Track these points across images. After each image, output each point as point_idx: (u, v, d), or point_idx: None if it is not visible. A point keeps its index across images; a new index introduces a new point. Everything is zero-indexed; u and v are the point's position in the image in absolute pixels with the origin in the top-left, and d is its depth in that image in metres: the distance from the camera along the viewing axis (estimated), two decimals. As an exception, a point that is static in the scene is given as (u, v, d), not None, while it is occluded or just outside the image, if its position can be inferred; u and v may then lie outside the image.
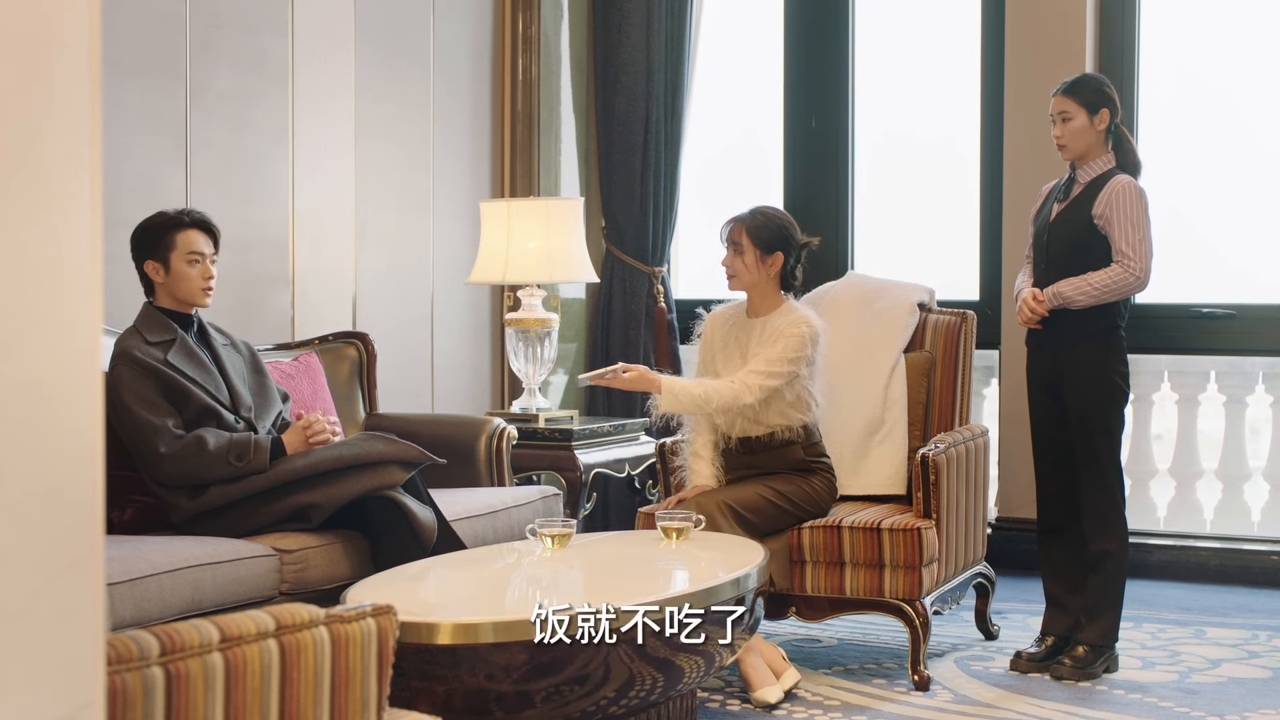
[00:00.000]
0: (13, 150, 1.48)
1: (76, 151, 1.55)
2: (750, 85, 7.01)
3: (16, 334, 1.49)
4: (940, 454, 4.50)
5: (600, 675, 3.29)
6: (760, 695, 4.19)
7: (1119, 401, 4.53)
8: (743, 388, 4.41)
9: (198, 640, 1.88)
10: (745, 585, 3.69)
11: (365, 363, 5.23)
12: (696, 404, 4.42)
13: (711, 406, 4.42)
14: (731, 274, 4.58)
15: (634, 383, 4.44)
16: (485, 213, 5.64)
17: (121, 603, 3.41)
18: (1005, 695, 4.32)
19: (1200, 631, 5.08)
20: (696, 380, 4.51)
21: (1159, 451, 6.21)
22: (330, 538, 4.06)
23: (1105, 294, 4.42)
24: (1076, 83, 4.54)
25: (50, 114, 1.53)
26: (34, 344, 1.51)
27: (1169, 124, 6.18)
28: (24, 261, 1.50)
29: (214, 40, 5.09)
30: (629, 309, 6.53)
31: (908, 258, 6.59)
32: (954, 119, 6.52)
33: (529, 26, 6.40)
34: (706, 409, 4.43)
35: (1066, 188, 4.57)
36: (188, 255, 4.15)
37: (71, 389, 1.56)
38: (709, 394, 4.41)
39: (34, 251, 1.50)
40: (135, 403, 4.01)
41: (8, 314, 1.47)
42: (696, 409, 4.45)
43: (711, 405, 4.41)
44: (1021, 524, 5.93)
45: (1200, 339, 5.97)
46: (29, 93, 1.50)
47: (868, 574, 4.46)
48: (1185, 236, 6.15)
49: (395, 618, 2.18)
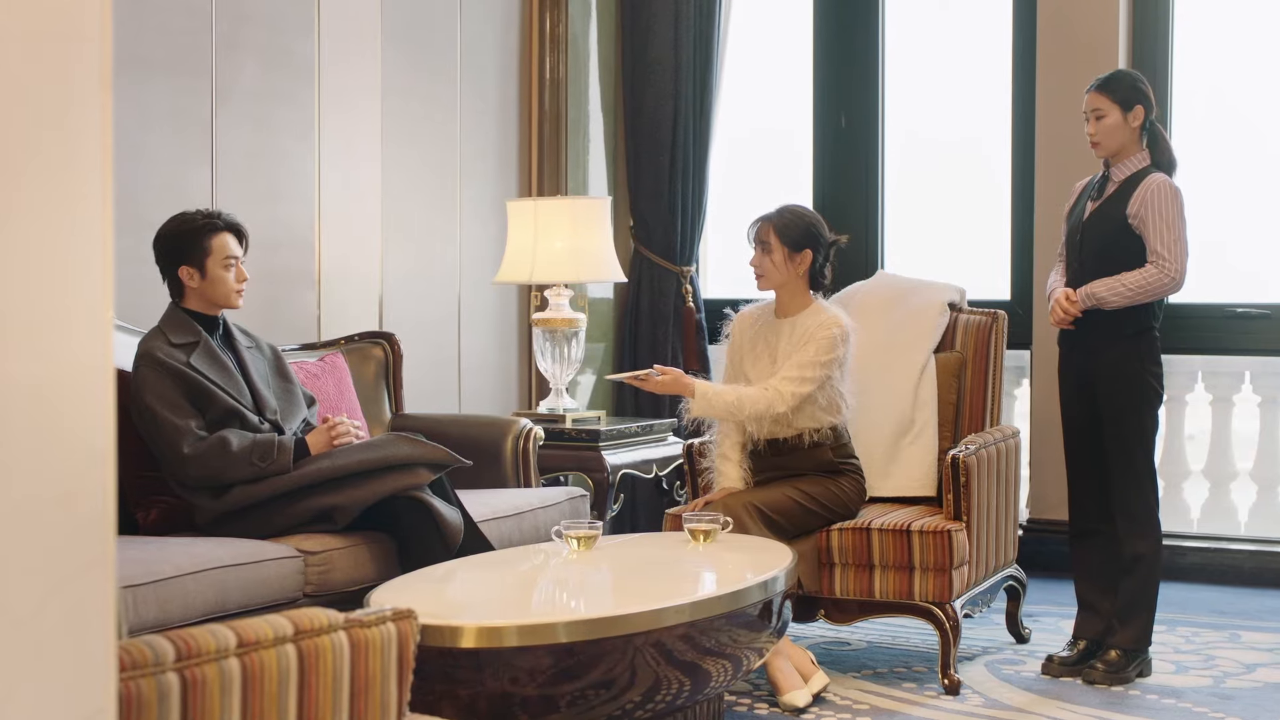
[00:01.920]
0: (21, 147, 1.45)
1: (87, 148, 1.52)
2: (779, 84, 6.96)
3: (25, 334, 1.46)
4: (971, 455, 4.45)
5: (626, 679, 3.26)
6: (788, 699, 4.16)
7: (1153, 403, 4.47)
8: (776, 396, 4.37)
9: (214, 645, 1.85)
10: (773, 588, 3.65)
11: (391, 363, 5.21)
12: (729, 410, 4.40)
13: (744, 414, 4.39)
14: (760, 273, 4.54)
15: (667, 386, 4.44)
16: (512, 212, 5.61)
17: (145, 604, 3.39)
18: (1036, 700, 4.27)
19: (1235, 635, 5.01)
20: (730, 386, 4.48)
21: (1192, 452, 6.15)
22: (355, 539, 4.04)
23: (1139, 295, 4.37)
24: (1110, 79, 4.48)
25: (59, 109, 1.50)
26: (43, 345, 1.48)
27: (1205, 119, 6.12)
28: (33, 260, 1.47)
29: (240, 39, 5.07)
30: (657, 309, 6.50)
31: (938, 257, 6.54)
32: (984, 117, 6.47)
33: (556, 25, 6.37)
34: (739, 416, 4.41)
35: (1100, 186, 4.52)
36: (223, 260, 4.13)
37: (82, 391, 1.53)
38: (742, 401, 4.38)
39: (42, 250, 1.47)
40: (158, 404, 4.00)
41: (16, 314, 1.45)
42: (729, 415, 4.43)
43: (744, 413, 4.39)
44: (1053, 526, 5.86)
45: (1235, 339, 5.91)
46: (37, 88, 1.47)
47: (897, 577, 4.41)
48: (1220, 235, 6.08)
49: (416, 622, 2.14)
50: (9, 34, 1.43)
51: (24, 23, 1.46)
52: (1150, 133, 4.47)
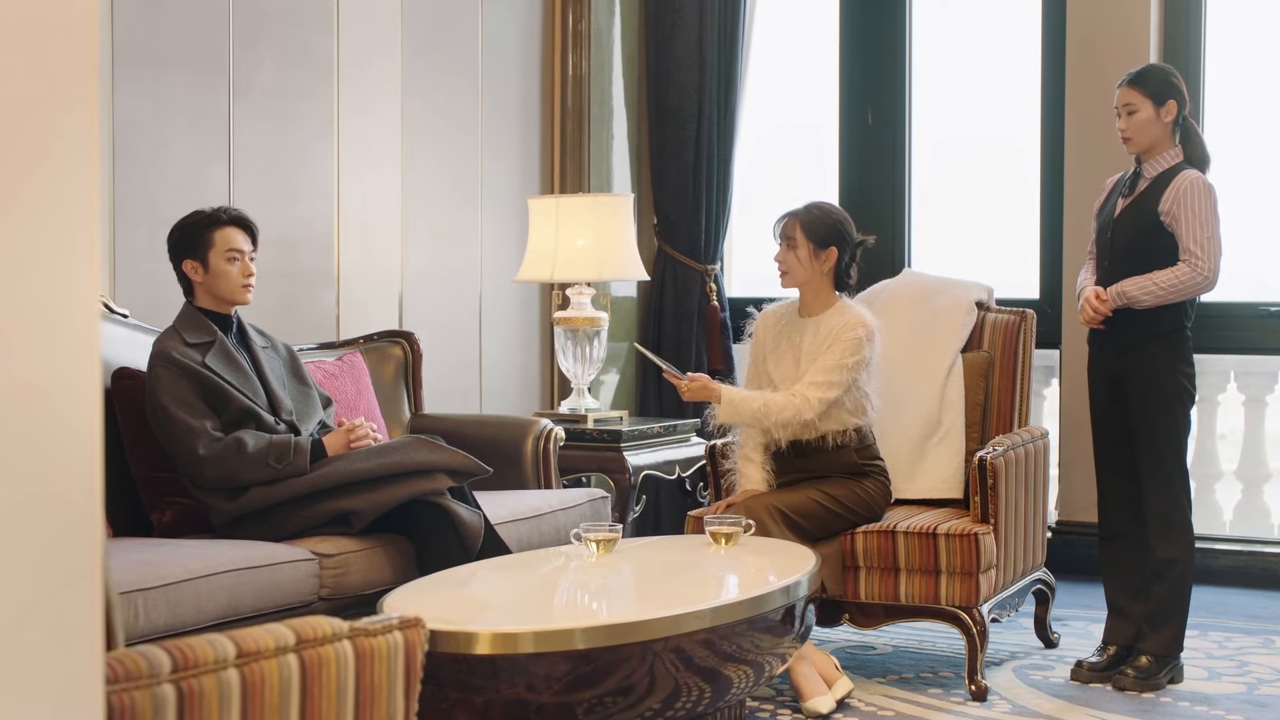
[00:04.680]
0: (1, 139, 1.39)
1: (74, 140, 1.46)
2: (805, 79, 6.89)
3: (8, 335, 1.41)
4: (998, 457, 4.38)
5: (645, 686, 3.19)
6: (812, 705, 4.10)
7: (1184, 403, 4.39)
8: (803, 403, 4.32)
9: (212, 656, 1.79)
10: (796, 592, 3.58)
11: (410, 362, 5.16)
12: (755, 417, 4.36)
13: (770, 420, 4.35)
14: (784, 270, 4.47)
15: (695, 394, 4.45)
16: (533, 209, 5.55)
17: (155, 609, 3.35)
18: (1065, 706, 4.20)
19: (1269, 640, 4.92)
20: (756, 393, 4.44)
21: (1224, 452, 6.06)
22: (371, 542, 3.99)
23: (1171, 294, 4.28)
24: (1142, 74, 4.40)
25: (46, 101, 1.44)
26: (27, 347, 1.42)
27: (1240, 114, 6.02)
28: (16, 259, 1.41)
29: (258, 35, 5.03)
30: (681, 307, 6.43)
31: (966, 255, 6.46)
32: (1012, 114, 6.39)
33: (579, 21, 6.31)
34: (765, 422, 4.36)
35: (1132, 182, 4.43)
36: (226, 253, 4.09)
37: (69, 393, 1.47)
38: (768, 408, 4.34)
39: (23, 248, 1.41)
40: (173, 404, 3.96)
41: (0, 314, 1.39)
42: (755, 422, 4.39)
43: (770, 419, 4.35)
44: (1083, 528, 5.77)
45: (1268, 338, 5.82)
46: (20, 77, 1.41)
47: (923, 580, 4.34)
48: (1254, 233, 5.99)
49: (424, 630, 2.08)
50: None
51: (6, 10, 1.40)
52: (1183, 128, 4.38)
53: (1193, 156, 4.38)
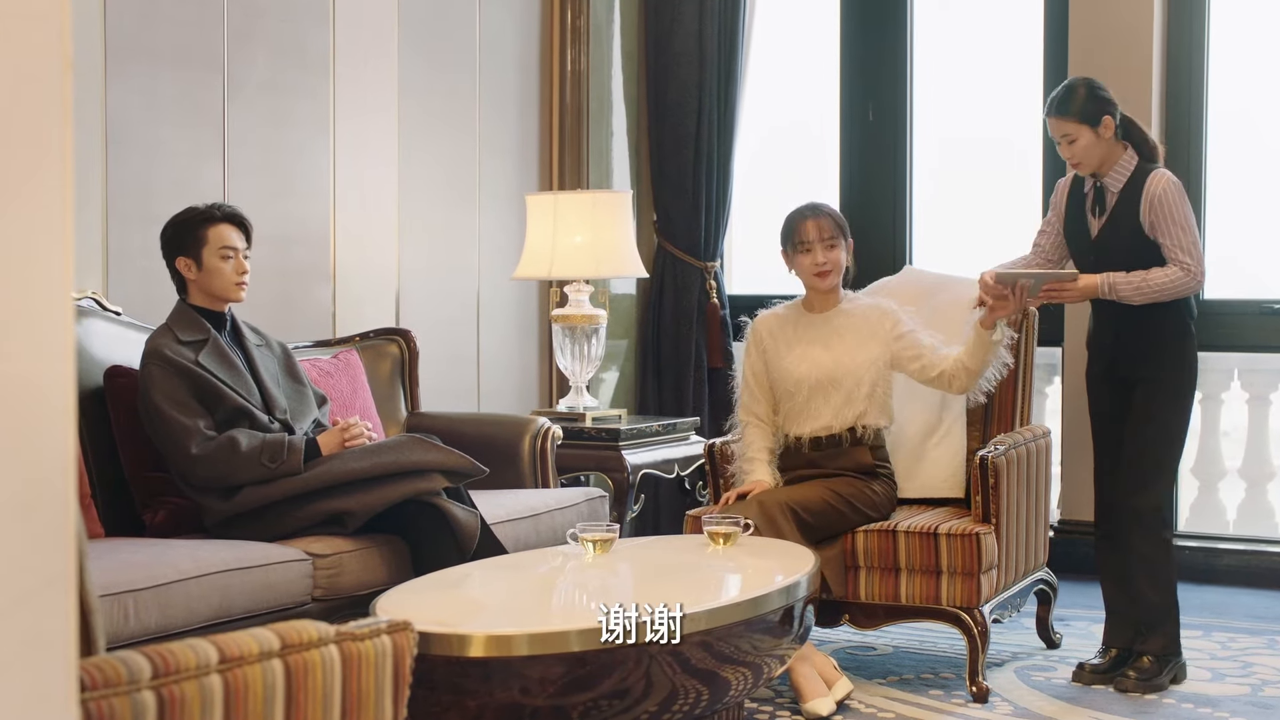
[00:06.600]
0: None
1: (46, 133, 1.42)
2: (806, 77, 6.85)
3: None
4: (1000, 456, 4.34)
5: (641, 689, 3.15)
6: (811, 706, 4.06)
7: (1184, 402, 4.34)
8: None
9: (194, 661, 1.75)
10: (795, 593, 3.54)
11: (407, 360, 5.12)
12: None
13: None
14: (829, 268, 4.50)
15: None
16: (531, 206, 5.51)
17: (146, 610, 3.31)
18: (1067, 708, 4.16)
19: (1274, 641, 4.88)
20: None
21: (1228, 450, 6.03)
22: (365, 542, 3.95)
23: (1163, 295, 4.24)
24: (1065, 100, 4.28)
25: (17, 95, 1.40)
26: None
27: (1242, 111, 5.98)
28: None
29: (252, 30, 4.98)
30: (681, 305, 6.39)
31: (967, 253, 6.42)
32: (1014, 113, 6.35)
33: (578, 17, 6.27)
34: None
35: (1098, 197, 4.35)
36: (220, 250, 4.05)
37: (43, 395, 1.43)
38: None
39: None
40: (166, 403, 3.92)
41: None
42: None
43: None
44: (1085, 527, 5.73)
45: (1272, 336, 5.78)
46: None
47: (924, 581, 4.31)
48: (1257, 230, 5.95)
49: (413, 634, 2.04)
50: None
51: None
52: (1124, 129, 4.30)
53: (1145, 153, 4.31)
